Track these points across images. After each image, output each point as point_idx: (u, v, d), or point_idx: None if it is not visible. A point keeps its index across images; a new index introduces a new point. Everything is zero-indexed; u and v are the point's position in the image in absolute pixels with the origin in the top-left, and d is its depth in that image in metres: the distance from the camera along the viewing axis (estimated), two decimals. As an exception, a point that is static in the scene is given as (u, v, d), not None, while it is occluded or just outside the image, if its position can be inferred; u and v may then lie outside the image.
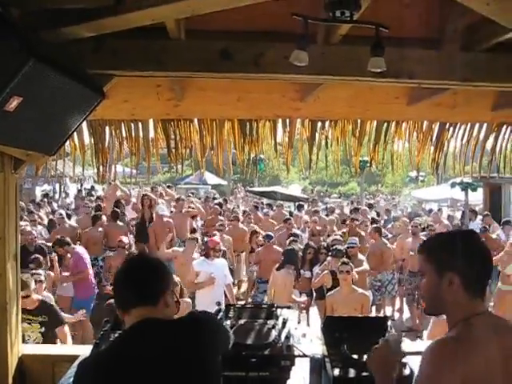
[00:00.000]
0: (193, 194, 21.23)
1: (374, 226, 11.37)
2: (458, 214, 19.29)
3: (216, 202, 16.96)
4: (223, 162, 5.10)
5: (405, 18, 3.08)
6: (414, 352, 3.45)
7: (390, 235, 11.19)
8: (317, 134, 4.79)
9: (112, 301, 5.89)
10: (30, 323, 5.56)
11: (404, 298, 10.81)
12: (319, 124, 4.73)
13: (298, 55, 2.65)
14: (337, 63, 3.13)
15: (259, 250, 10.14)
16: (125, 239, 9.59)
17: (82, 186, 25.12)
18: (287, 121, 4.70)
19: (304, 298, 9.04)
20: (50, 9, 2.62)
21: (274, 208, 16.93)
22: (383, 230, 11.72)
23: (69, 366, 3.46)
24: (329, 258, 8.46)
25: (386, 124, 4.75)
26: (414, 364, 3.03)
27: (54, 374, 3.70)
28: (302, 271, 9.33)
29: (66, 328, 5.90)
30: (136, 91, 4.02)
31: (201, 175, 27.00)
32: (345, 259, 7.26)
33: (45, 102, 2.63)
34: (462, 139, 4.91)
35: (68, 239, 8.98)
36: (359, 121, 4.69)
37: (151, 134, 4.76)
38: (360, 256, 9.02)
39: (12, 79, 2.27)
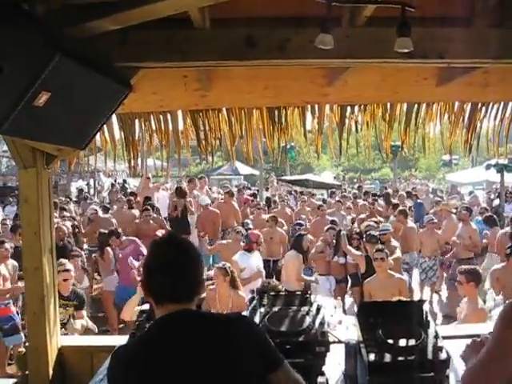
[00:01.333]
0: (226, 185, 21.24)
1: (400, 209, 11.23)
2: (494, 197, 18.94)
3: (250, 192, 16.97)
4: (254, 151, 5.09)
5: (432, -4, 3.02)
6: (449, 336, 3.44)
7: (434, 220, 10.99)
8: (346, 120, 4.75)
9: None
10: (65, 307, 5.84)
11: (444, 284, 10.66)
12: (348, 109, 4.68)
13: (323, 38, 2.62)
14: (363, 45, 3.09)
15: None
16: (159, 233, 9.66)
17: (115, 180, 25.43)
18: (316, 107, 4.66)
19: (313, 277, 9.16)
20: (75, 4, 2.65)
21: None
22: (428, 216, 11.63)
23: (107, 357, 3.51)
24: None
25: (416, 106, 4.67)
26: (449, 348, 3.01)
27: (92, 364, 3.76)
28: (335, 257, 9.34)
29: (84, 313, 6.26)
30: (163, 83, 4.03)
31: (232, 165, 27.06)
32: (379, 246, 7.20)
33: (73, 97, 2.66)
34: (495, 119, 4.78)
35: (119, 230, 9.13)
36: (389, 104, 4.63)
37: (180, 126, 4.78)
38: (393, 241, 8.94)
39: (39, 75, 2.29)
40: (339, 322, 4.56)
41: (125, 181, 24.02)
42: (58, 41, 2.36)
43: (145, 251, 8.89)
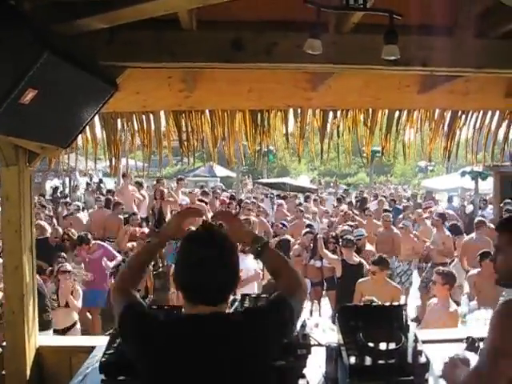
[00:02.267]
0: (202, 186, 21.19)
1: (385, 214, 11.33)
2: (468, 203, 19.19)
3: (227, 194, 16.95)
4: (235, 153, 5.09)
5: (418, 4, 3.05)
6: (429, 340, 3.49)
7: (410, 225, 11.15)
8: (328, 124, 4.78)
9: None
10: None
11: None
12: (331, 114, 4.72)
13: (312, 44, 2.64)
14: (349, 52, 3.12)
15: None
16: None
17: (91, 179, 25.19)
18: (299, 111, 4.68)
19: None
20: (62, 1, 2.63)
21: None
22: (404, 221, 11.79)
23: (85, 357, 3.50)
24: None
25: (397, 113, 4.72)
26: (428, 352, 3.05)
27: (71, 365, 3.73)
28: (312, 260, 9.38)
29: None
30: (148, 83, 4.02)
31: (210, 167, 27.02)
32: (376, 258, 7.14)
33: (59, 95, 2.64)
34: (474, 127, 4.87)
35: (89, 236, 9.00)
36: (371, 110, 4.67)
37: (163, 126, 4.76)
38: (368, 246, 9.03)
39: (27, 72, 2.28)
40: (316, 324, 4.58)
41: (101, 180, 23.82)
42: (47, 38, 2.35)
43: (115, 253, 8.89)
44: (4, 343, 3.77)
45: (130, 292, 2.22)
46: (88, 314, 8.24)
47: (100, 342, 3.51)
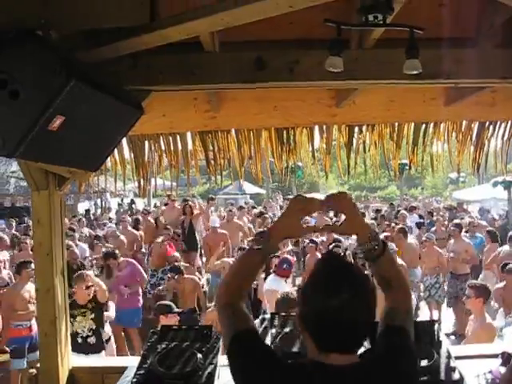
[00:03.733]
0: (232, 204, 21.27)
1: (399, 227, 11.22)
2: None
3: (256, 211, 16.98)
4: (262, 171, 5.12)
5: (439, 17, 3.05)
6: (462, 356, 3.43)
7: (431, 237, 11.00)
8: (354, 139, 4.78)
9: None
10: (84, 315, 6.04)
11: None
12: (356, 129, 4.72)
13: (333, 61, 2.65)
14: (371, 67, 3.12)
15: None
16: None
17: (122, 200, 25.52)
18: (324, 127, 4.70)
19: None
20: (87, 30, 2.70)
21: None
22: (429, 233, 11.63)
23: (118, 378, 3.53)
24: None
25: (423, 126, 4.70)
26: (461, 368, 3.00)
27: (104, 385, 3.77)
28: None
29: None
30: (173, 104, 4.08)
31: (239, 185, 27.12)
32: None
33: (86, 120, 2.69)
34: (502, 137, 4.81)
35: (116, 251, 9.12)
36: (396, 124, 4.66)
37: (190, 147, 4.82)
38: (398, 260, 8.89)
39: (54, 100, 2.33)
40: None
41: (133, 201, 24.09)
42: (73, 66, 2.41)
43: (142, 272, 8.96)
44: (38, 365, 3.82)
45: (241, 311, 1.92)
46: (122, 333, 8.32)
47: (132, 362, 3.54)
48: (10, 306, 7.10)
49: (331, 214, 13.71)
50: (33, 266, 7.19)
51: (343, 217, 1.99)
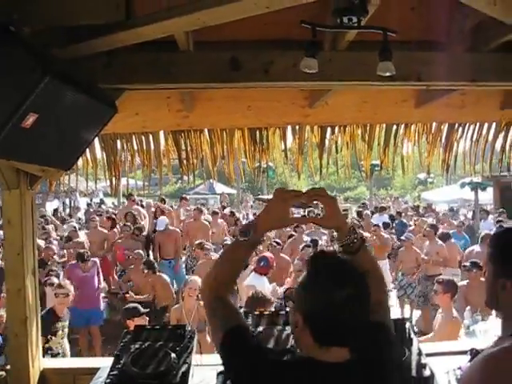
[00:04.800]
0: (203, 204, 21.24)
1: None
2: (469, 215, 19.22)
3: (227, 211, 16.96)
4: (234, 171, 5.13)
5: (411, 20, 3.10)
6: (432, 353, 3.49)
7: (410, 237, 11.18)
8: (326, 140, 4.82)
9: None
10: (62, 329, 6.04)
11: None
12: (328, 130, 4.76)
13: (308, 62, 2.67)
14: (345, 69, 3.16)
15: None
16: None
17: (91, 200, 25.23)
18: (297, 127, 4.72)
19: None
20: (61, 26, 2.67)
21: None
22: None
23: (90, 379, 3.50)
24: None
25: (395, 127, 4.76)
26: (432, 365, 3.06)
27: (75, 387, 3.73)
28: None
29: None
30: (146, 104, 4.06)
31: (210, 185, 27.07)
32: None
33: (60, 118, 2.67)
34: (471, 139, 4.91)
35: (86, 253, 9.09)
36: (368, 125, 4.71)
37: (162, 146, 4.80)
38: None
39: (28, 97, 2.30)
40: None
41: (102, 201, 23.85)
42: (47, 63, 2.38)
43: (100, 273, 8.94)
44: (8, 366, 3.77)
45: (229, 304, 1.97)
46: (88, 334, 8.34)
47: (104, 363, 3.52)
48: None
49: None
50: None
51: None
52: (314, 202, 2.11)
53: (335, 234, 2.14)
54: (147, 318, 5.86)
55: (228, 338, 1.82)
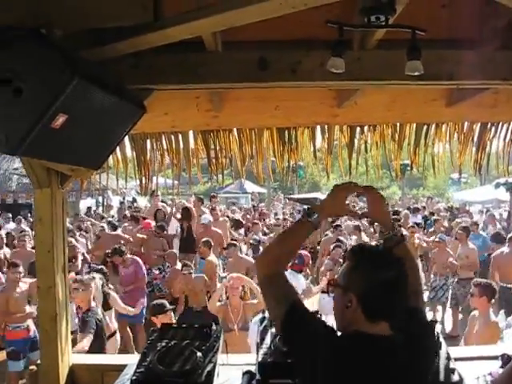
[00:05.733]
0: (234, 203, 21.30)
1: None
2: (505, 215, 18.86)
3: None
4: (263, 170, 5.13)
5: (441, 18, 3.05)
6: (461, 358, 3.43)
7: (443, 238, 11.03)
8: (356, 140, 4.79)
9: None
10: None
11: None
12: (358, 129, 4.73)
13: (335, 62, 2.66)
14: (373, 68, 3.13)
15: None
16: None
17: (124, 198, 25.52)
18: (325, 127, 4.70)
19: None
20: (91, 29, 2.71)
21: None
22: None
23: (117, 375, 3.54)
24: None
25: (425, 126, 4.70)
26: (461, 370, 3.00)
27: (103, 383, 3.78)
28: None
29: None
30: (175, 103, 4.09)
31: (241, 184, 27.14)
32: None
33: (89, 118, 2.70)
34: (504, 139, 4.82)
35: (124, 248, 9.20)
36: (398, 124, 4.67)
37: (191, 145, 4.83)
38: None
39: (58, 98, 2.34)
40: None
41: (134, 199, 24.10)
42: (76, 64, 2.41)
43: (144, 272, 8.99)
44: (39, 361, 3.84)
45: (287, 280, 2.13)
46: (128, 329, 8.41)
47: (131, 360, 3.55)
48: (3, 307, 7.07)
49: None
50: (20, 268, 7.24)
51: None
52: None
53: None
54: (172, 315, 5.89)
55: (290, 311, 2.00)
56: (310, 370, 1.92)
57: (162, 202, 14.77)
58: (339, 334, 2.02)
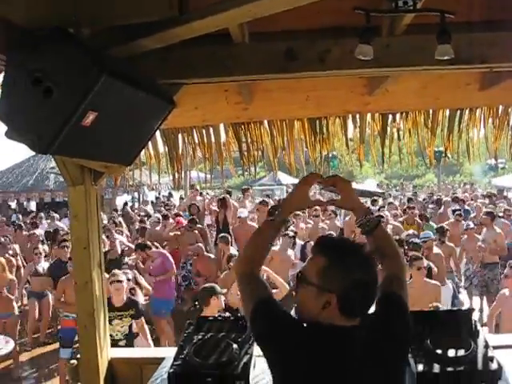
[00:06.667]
0: (268, 195, 21.26)
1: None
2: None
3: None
4: (295, 161, 5.11)
5: (472, 1, 2.98)
6: (500, 346, 3.37)
7: (471, 225, 10.86)
8: (388, 128, 4.73)
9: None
10: (121, 318, 6.05)
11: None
12: (390, 117, 4.67)
13: (363, 49, 2.63)
14: (403, 54, 3.07)
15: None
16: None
17: (159, 193, 25.78)
18: (357, 116, 4.66)
19: None
20: (118, 25, 2.73)
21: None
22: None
23: (155, 368, 3.58)
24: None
25: (458, 112, 4.61)
26: (500, 358, 2.95)
27: (142, 376, 3.82)
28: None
29: (143, 321, 6.35)
30: (205, 97, 4.10)
31: (274, 176, 27.10)
32: (417, 253, 6.97)
33: (119, 115, 2.73)
34: (540, 122, 4.70)
35: (148, 243, 9.40)
36: (431, 111, 4.59)
37: (223, 139, 4.85)
38: (435, 249, 8.72)
39: (86, 96, 2.36)
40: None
41: (170, 194, 24.32)
42: (104, 62, 2.43)
43: (172, 265, 9.08)
44: (79, 356, 3.91)
45: (259, 279, 2.19)
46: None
47: (169, 353, 3.59)
48: (60, 295, 7.48)
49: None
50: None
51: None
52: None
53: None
54: (223, 299, 5.92)
55: (257, 308, 2.02)
56: (277, 363, 1.96)
57: (201, 194, 14.83)
58: (304, 325, 2.02)
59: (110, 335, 5.83)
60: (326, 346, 1.91)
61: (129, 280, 6.77)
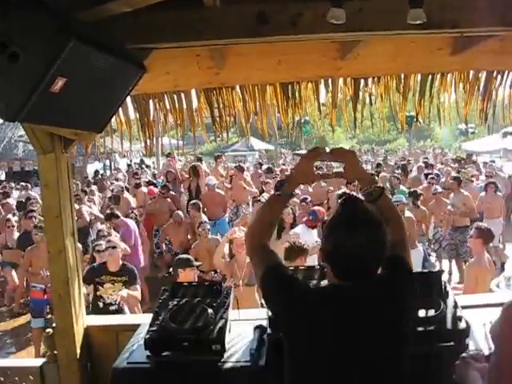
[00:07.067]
0: (241, 161, 21.26)
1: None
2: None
3: (264, 168, 16.93)
4: (268, 126, 5.09)
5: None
6: (468, 305, 3.46)
7: (438, 190, 11.03)
8: (360, 92, 4.72)
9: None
10: (113, 283, 6.09)
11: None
12: (362, 82, 4.65)
13: (335, 13, 2.61)
14: (375, 18, 3.05)
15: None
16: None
17: (131, 160, 25.57)
18: (329, 81, 4.64)
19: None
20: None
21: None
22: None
23: (132, 335, 3.61)
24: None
25: (430, 77, 4.62)
26: (468, 317, 3.04)
27: (118, 342, 3.84)
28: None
29: (139, 288, 6.40)
30: (176, 62, 4.03)
31: (247, 142, 27.06)
32: None
33: (88, 81, 2.68)
34: (511, 86, 4.73)
35: (117, 212, 9.41)
36: (402, 75, 4.59)
37: (195, 104, 4.79)
38: (407, 213, 8.86)
39: (55, 61, 2.31)
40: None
41: (142, 161, 24.13)
42: (72, 26, 2.38)
43: (130, 234, 9.11)
44: (54, 324, 3.91)
45: (269, 249, 2.27)
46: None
47: (145, 319, 3.61)
48: (27, 266, 7.47)
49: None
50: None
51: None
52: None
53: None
54: (197, 272, 5.95)
55: (267, 274, 2.14)
56: (285, 324, 2.08)
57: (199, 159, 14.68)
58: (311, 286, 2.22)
59: (101, 297, 5.91)
60: (322, 304, 2.02)
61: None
